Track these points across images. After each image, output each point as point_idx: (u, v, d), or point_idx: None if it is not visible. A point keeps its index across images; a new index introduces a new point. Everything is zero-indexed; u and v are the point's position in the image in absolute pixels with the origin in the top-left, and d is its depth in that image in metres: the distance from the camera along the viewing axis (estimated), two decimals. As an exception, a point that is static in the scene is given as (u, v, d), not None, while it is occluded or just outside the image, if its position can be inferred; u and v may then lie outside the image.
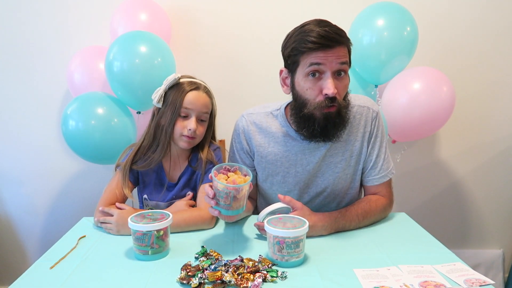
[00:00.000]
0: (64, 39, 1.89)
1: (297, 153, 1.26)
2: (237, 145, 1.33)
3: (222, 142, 1.69)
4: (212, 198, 1.01)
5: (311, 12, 1.87)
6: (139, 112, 1.73)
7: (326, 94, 1.09)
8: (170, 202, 1.34)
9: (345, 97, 1.17)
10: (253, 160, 1.32)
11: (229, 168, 1.06)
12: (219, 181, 0.99)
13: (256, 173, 1.34)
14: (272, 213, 1.10)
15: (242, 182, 1.01)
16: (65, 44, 1.90)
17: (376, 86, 1.75)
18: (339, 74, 1.11)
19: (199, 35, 1.91)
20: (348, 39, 1.12)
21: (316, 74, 1.10)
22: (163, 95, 1.27)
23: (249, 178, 1.03)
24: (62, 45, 1.90)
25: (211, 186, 1.02)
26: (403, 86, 1.63)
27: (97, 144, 1.61)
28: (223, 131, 1.53)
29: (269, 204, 1.34)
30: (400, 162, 1.92)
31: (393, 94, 1.65)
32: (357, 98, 1.28)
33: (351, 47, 1.14)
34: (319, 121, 1.13)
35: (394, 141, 1.79)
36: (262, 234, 1.13)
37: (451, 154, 2.06)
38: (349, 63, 1.13)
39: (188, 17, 1.89)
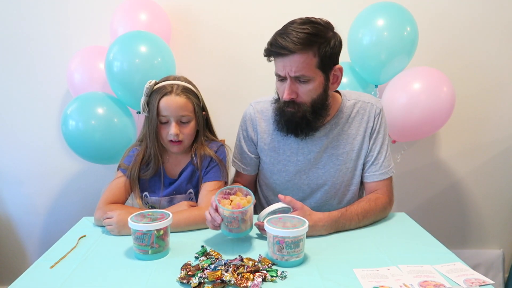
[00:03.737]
0: (64, 39, 1.89)
1: (298, 141, 1.28)
2: (244, 133, 1.37)
3: (223, 142, 1.68)
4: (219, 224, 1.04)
5: (311, 12, 1.86)
6: (139, 112, 1.73)
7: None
8: (170, 197, 1.34)
9: (321, 101, 1.18)
10: (257, 148, 1.35)
11: (229, 191, 1.09)
12: (224, 207, 1.02)
13: (259, 161, 1.38)
14: (273, 213, 1.10)
15: (246, 203, 1.04)
16: (65, 44, 1.90)
17: (376, 86, 1.75)
18: (300, 80, 1.14)
19: (199, 35, 1.91)
20: (311, 45, 1.09)
21: (280, 77, 1.17)
22: (146, 103, 1.26)
23: (251, 197, 1.06)
24: (62, 45, 1.90)
25: (216, 210, 1.04)
26: (403, 86, 1.63)
27: (97, 144, 1.61)
28: (223, 131, 1.53)
29: (267, 197, 1.36)
30: (400, 162, 1.92)
31: (393, 94, 1.65)
32: (362, 95, 1.33)
33: (325, 50, 1.11)
34: (284, 118, 1.21)
35: (394, 141, 1.79)
36: (262, 233, 1.13)
37: (451, 154, 2.06)
38: (317, 68, 1.13)
39: (188, 17, 1.89)
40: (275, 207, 1.12)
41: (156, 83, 1.27)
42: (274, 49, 1.12)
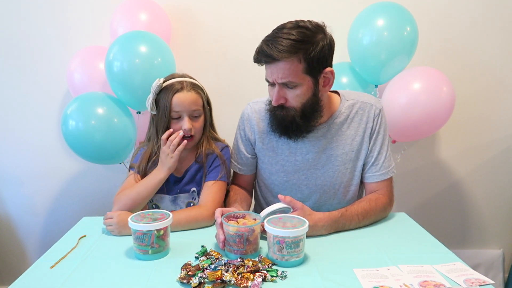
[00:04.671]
0: (64, 39, 1.89)
1: (297, 140, 1.28)
2: (241, 132, 1.37)
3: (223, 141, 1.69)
4: (223, 242, 1.02)
5: (311, 12, 1.87)
6: (139, 112, 1.74)
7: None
8: (174, 196, 1.36)
9: (311, 104, 1.18)
10: (254, 148, 1.36)
11: (238, 215, 1.08)
12: (230, 224, 1.00)
13: (257, 161, 1.38)
14: (273, 213, 1.10)
15: (253, 223, 1.02)
16: (65, 44, 1.89)
17: (376, 86, 1.75)
18: (288, 86, 1.15)
19: (199, 35, 1.91)
20: (296, 52, 1.09)
21: (270, 82, 1.19)
22: (154, 102, 1.29)
23: (259, 220, 1.03)
24: (62, 45, 1.90)
25: (221, 228, 1.03)
26: (403, 86, 1.63)
27: (97, 144, 1.61)
28: (223, 131, 1.53)
29: (266, 198, 1.35)
30: (400, 162, 1.92)
31: (393, 94, 1.65)
32: (361, 95, 1.32)
33: (312, 55, 1.10)
34: (275, 121, 1.23)
35: (394, 141, 1.79)
36: (262, 234, 1.13)
37: (451, 154, 2.05)
38: (305, 73, 1.13)
39: (188, 17, 1.89)
40: (275, 207, 1.11)
41: (164, 82, 1.30)
42: (261, 57, 1.14)
